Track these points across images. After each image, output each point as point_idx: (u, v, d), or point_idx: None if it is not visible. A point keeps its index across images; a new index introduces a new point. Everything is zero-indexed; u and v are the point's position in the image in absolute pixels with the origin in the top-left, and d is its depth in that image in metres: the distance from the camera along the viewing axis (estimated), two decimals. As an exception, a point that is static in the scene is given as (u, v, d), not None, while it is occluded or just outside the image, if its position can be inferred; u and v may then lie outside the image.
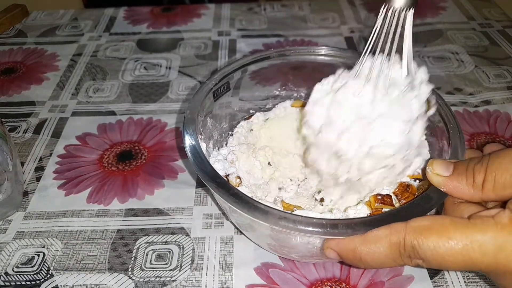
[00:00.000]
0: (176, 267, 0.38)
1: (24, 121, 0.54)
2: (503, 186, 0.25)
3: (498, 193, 0.26)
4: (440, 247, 0.24)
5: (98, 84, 0.60)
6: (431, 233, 0.25)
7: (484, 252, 0.24)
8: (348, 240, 0.28)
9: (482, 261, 0.24)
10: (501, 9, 0.75)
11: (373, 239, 0.27)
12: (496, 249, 0.23)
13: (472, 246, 0.24)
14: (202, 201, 0.44)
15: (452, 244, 0.24)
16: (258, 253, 0.39)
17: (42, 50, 0.67)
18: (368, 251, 0.27)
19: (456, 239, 0.24)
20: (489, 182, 0.26)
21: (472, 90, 0.57)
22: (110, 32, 0.71)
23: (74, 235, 0.41)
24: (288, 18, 0.74)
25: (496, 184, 0.26)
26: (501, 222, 0.24)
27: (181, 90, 0.59)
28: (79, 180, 0.46)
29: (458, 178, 0.28)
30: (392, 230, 0.26)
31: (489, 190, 0.26)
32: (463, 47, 0.65)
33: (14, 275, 0.38)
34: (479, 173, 0.26)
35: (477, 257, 0.24)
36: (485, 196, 0.26)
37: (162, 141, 0.51)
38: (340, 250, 0.28)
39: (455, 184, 0.28)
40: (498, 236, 0.23)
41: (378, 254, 0.26)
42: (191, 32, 0.71)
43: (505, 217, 0.24)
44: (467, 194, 0.27)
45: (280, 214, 0.28)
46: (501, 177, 0.25)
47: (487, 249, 0.23)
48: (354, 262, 0.28)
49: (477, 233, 0.24)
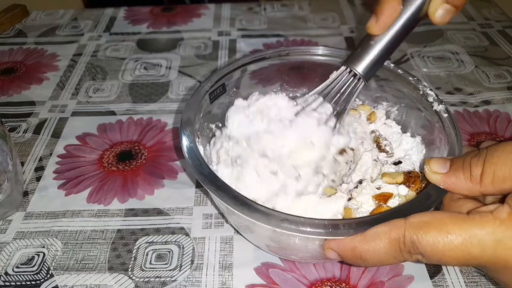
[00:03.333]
0: (176, 267, 0.38)
1: (24, 121, 0.54)
2: (503, 179, 0.25)
3: (497, 186, 0.26)
4: (440, 242, 0.24)
5: (98, 84, 0.60)
6: (430, 228, 0.25)
7: (483, 247, 0.24)
8: (348, 240, 0.28)
9: (481, 256, 0.24)
10: (501, 9, 0.75)
11: (372, 236, 0.27)
12: (495, 243, 0.23)
13: (471, 241, 0.24)
14: (202, 201, 0.44)
15: (451, 239, 0.24)
16: (258, 253, 0.39)
17: (42, 50, 0.67)
18: (368, 248, 0.27)
19: (455, 234, 0.24)
20: (488, 175, 0.26)
21: (472, 90, 0.57)
22: (110, 32, 0.71)
23: (74, 235, 0.41)
24: (288, 18, 0.74)
25: (495, 177, 0.26)
26: (500, 217, 0.24)
27: (181, 90, 0.59)
28: (79, 180, 0.46)
29: (455, 173, 0.28)
30: (391, 226, 0.26)
31: (488, 184, 0.26)
32: (463, 47, 0.65)
33: (14, 275, 0.38)
34: (476, 166, 0.26)
35: (476, 252, 0.24)
36: (484, 190, 0.26)
37: (162, 141, 0.51)
38: (340, 250, 0.28)
39: (453, 180, 0.28)
40: (497, 231, 0.23)
41: (378, 251, 0.27)
42: (191, 32, 0.71)
43: (504, 212, 0.24)
44: (465, 188, 0.27)
45: (282, 216, 0.28)
46: (500, 170, 0.25)
47: (485, 244, 0.24)
48: (354, 261, 0.28)
49: (476, 228, 0.24)
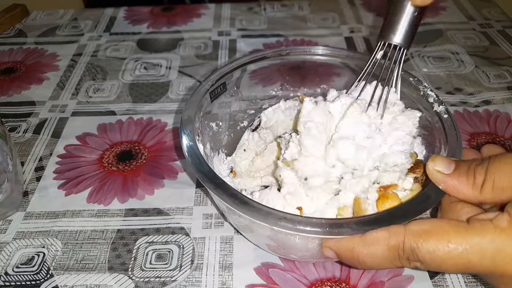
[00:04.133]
0: (176, 267, 0.38)
1: (24, 121, 0.54)
2: (502, 189, 0.26)
3: (496, 195, 0.26)
4: (440, 250, 0.24)
5: (98, 84, 0.60)
6: (430, 237, 0.25)
7: (482, 255, 0.24)
8: (346, 240, 0.28)
9: (481, 264, 0.24)
10: (501, 9, 0.75)
11: (371, 241, 0.27)
12: (495, 252, 0.23)
13: (471, 250, 0.24)
14: (202, 201, 0.44)
15: (452, 248, 0.24)
16: (258, 253, 0.39)
17: (42, 50, 0.67)
18: (366, 252, 0.27)
19: (456, 243, 0.24)
20: (488, 184, 0.26)
21: (472, 90, 0.57)
22: (110, 32, 0.71)
23: (74, 235, 0.41)
24: (288, 18, 0.74)
25: (495, 186, 0.26)
26: (500, 226, 0.24)
27: (181, 90, 0.59)
28: (79, 180, 0.46)
29: (458, 177, 0.28)
30: (391, 233, 0.26)
31: (487, 192, 0.26)
32: (463, 47, 0.65)
33: (14, 275, 0.38)
34: (480, 174, 0.27)
35: (476, 261, 0.24)
36: (482, 198, 0.27)
37: (162, 141, 0.51)
38: (338, 249, 0.28)
39: (455, 183, 0.28)
40: (497, 239, 0.24)
41: (376, 255, 0.27)
42: (191, 32, 0.71)
43: (504, 220, 0.24)
44: (465, 194, 0.27)
45: (280, 215, 0.28)
46: (499, 179, 0.26)
47: (485, 252, 0.24)
48: (351, 262, 0.28)
49: (476, 236, 0.24)
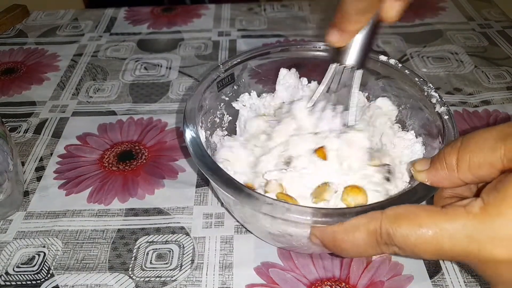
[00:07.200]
0: (176, 267, 0.38)
1: (25, 121, 0.54)
2: (478, 165, 0.25)
3: (474, 172, 0.26)
4: (412, 235, 0.24)
5: (98, 84, 0.60)
6: (403, 221, 0.25)
7: (454, 240, 0.23)
8: (329, 229, 0.28)
9: (451, 250, 0.24)
10: (500, 10, 0.75)
11: (351, 227, 0.27)
12: (466, 238, 0.23)
13: (441, 234, 0.24)
14: (202, 201, 0.44)
15: (423, 232, 0.24)
16: (258, 253, 0.39)
17: (43, 50, 0.67)
18: (347, 239, 0.27)
19: (427, 227, 0.24)
20: (464, 162, 0.26)
21: (471, 90, 0.57)
22: (110, 32, 0.72)
23: (75, 235, 0.41)
24: (288, 18, 0.74)
25: (471, 164, 0.26)
26: (472, 211, 0.23)
27: (181, 90, 0.59)
28: (80, 180, 0.46)
29: (434, 166, 0.28)
30: (369, 218, 0.27)
31: (465, 170, 0.26)
32: (463, 48, 0.65)
33: (15, 275, 0.38)
34: (449, 154, 0.27)
35: (447, 246, 0.23)
36: (463, 177, 0.26)
37: (163, 141, 0.51)
38: (322, 237, 0.29)
39: (434, 173, 0.28)
40: (468, 225, 0.23)
41: (357, 242, 0.27)
42: (191, 33, 0.71)
43: (476, 206, 0.24)
44: (445, 178, 0.27)
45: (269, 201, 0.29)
46: (475, 156, 0.25)
47: (456, 238, 0.23)
48: (334, 250, 0.29)
49: (447, 221, 0.24)
